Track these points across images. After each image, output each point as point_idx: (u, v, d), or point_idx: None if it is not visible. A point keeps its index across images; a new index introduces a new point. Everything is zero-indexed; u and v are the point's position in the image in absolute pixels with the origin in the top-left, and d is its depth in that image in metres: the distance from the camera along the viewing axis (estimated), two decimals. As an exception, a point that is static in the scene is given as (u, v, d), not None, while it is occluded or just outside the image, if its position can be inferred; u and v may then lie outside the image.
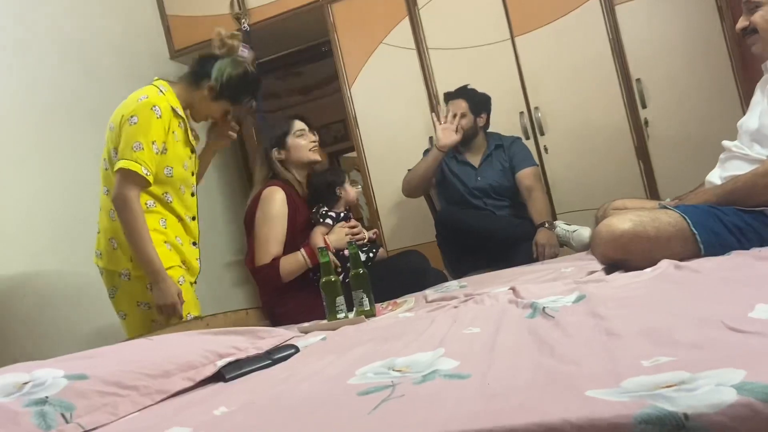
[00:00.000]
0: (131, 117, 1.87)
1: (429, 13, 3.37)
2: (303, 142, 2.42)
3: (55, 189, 2.59)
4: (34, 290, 2.44)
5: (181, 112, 2.01)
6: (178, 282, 1.98)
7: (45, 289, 2.47)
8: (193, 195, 2.12)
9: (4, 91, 2.51)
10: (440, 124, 2.78)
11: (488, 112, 2.98)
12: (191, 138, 2.07)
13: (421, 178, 2.88)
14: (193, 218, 2.12)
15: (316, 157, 2.44)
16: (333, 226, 2.31)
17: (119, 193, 1.85)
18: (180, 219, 2.06)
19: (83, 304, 2.41)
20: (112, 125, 1.96)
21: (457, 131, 2.79)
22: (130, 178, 1.85)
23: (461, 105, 2.88)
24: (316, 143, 2.46)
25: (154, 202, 1.97)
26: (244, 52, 2.05)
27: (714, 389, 0.64)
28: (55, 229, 2.55)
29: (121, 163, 1.85)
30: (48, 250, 2.51)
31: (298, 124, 2.46)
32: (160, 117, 1.88)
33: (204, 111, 2.09)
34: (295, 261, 2.23)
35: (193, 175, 2.11)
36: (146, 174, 1.86)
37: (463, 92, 2.93)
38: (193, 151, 2.10)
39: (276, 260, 2.24)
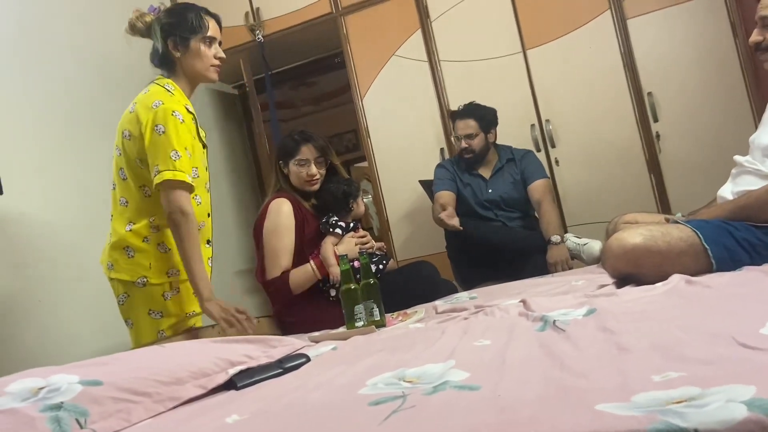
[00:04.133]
0: (156, 126, 1.81)
1: (441, 25, 3.40)
2: (301, 173, 2.35)
3: (74, 196, 2.63)
4: (49, 296, 2.46)
5: (191, 107, 1.95)
6: None
7: (60, 294, 2.50)
8: (207, 191, 2.06)
9: (27, 101, 2.56)
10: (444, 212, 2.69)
11: (496, 125, 2.97)
12: (202, 133, 2.02)
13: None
14: (209, 215, 2.07)
15: (312, 188, 2.38)
16: (342, 235, 2.31)
17: (176, 207, 1.80)
18: (203, 224, 2.01)
19: (97, 310, 2.43)
20: (128, 133, 1.89)
21: (467, 152, 2.88)
22: (178, 188, 1.80)
23: (471, 125, 2.87)
24: (315, 177, 2.36)
25: None
26: (155, 9, 1.95)
27: (724, 405, 0.65)
28: (73, 235, 2.58)
29: (166, 175, 1.79)
30: (65, 255, 2.54)
31: (304, 152, 2.35)
32: (184, 122, 1.84)
33: (200, 65, 1.96)
34: (304, 273, 2.24)
35: (206, 170, 2.05)
36: (191, 180, 1.82)
37: (471, 111, 2.90)
38: (204, 146, 2.04)
39: (286, 273, 2.24)
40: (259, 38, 3.66)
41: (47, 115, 2.63)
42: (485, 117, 2.90)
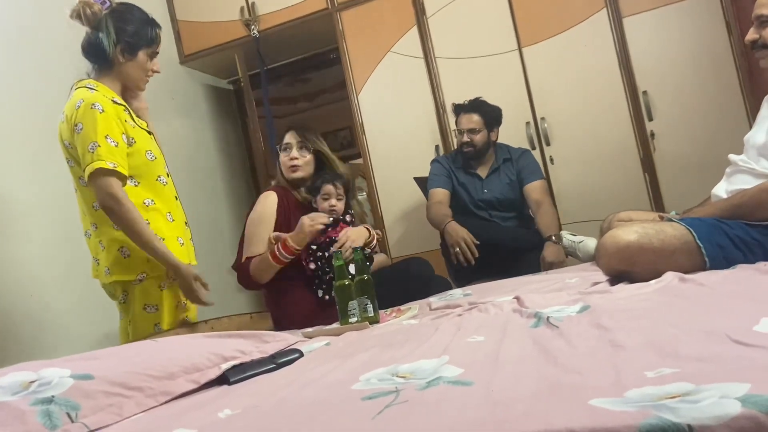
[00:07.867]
0: (75, 126, 1.81)
1: (437, 22, 3.39)
2: (283, 159, 2.37)
3: (67, 190, 2.61)
4: (41, 290, 2.45)
5: (119, 99, 1.94)
6: None
7: (51, 289, 2.48)
8: (168, 175, 2.05)
9: (20, 97, 2.55)
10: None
11: (500, 124, 2.95)
12: (141, 123, 2.00)
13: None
14: (176, 197, 2.06)
15: (294, 176, 2.35)
16: (326, 230, 2.26)
17: (105, 194, 1.78)
18: (177, 199, 2.02)
19: (90, 304, 2.42)
20: (68, 143, 1.88)
21: (468, 146, 2.85)
22: (103, 177, 1.78)
23: (475, 120, 2.85)
24: (297, 161, 2.34)
25: (152, 200, 1.92)
26: (105, 4, 1.92)
27: (718, 401, 0.65)
28: (66, 229, 2.56)
29: (87, 169, 1.78)
30: (57, 249, 2.53)
31: (287, 137, 2.39)
32: (103, 111, 1.81)
33: (137, 75, 1.98)
34: (261, 260, 2.20)
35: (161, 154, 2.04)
36: (113, 166, 1.78)
37: (477, 106, 2.88)
38: (149, 132, 2.02)
39: (249, 259, 2.24)
40: (254, 33, 3.64)
41: (42, 109, 2.61)
42: (490, 114, 2.88)
